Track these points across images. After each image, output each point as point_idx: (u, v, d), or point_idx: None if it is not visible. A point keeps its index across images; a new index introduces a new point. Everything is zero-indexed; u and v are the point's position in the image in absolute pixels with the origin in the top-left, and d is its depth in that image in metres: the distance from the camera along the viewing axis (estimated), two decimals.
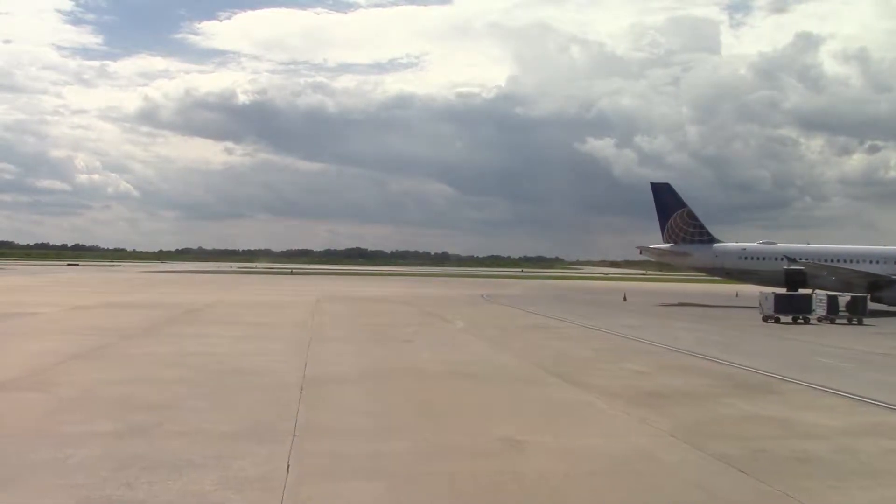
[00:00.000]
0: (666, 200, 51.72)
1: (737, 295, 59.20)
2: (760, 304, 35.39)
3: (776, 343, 26.59)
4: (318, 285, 66.87)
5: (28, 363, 16.98)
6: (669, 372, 18.40)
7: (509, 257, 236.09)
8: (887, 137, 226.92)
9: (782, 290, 44.34)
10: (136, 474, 8.79)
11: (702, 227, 51.46)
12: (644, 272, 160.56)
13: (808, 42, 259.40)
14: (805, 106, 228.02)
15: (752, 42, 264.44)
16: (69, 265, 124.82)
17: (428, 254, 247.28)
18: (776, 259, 47.01)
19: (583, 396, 14.76)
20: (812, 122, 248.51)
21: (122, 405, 12.66)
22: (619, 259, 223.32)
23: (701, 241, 51.07)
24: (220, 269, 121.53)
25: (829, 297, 35.48)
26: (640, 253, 57.44)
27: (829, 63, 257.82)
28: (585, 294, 61.34)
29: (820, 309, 34.98)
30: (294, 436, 10.79)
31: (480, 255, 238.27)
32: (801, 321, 34.37)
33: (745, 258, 49.11)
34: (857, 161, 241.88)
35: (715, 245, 51.04)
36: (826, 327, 33.24)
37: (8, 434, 10.72)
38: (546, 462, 9.85)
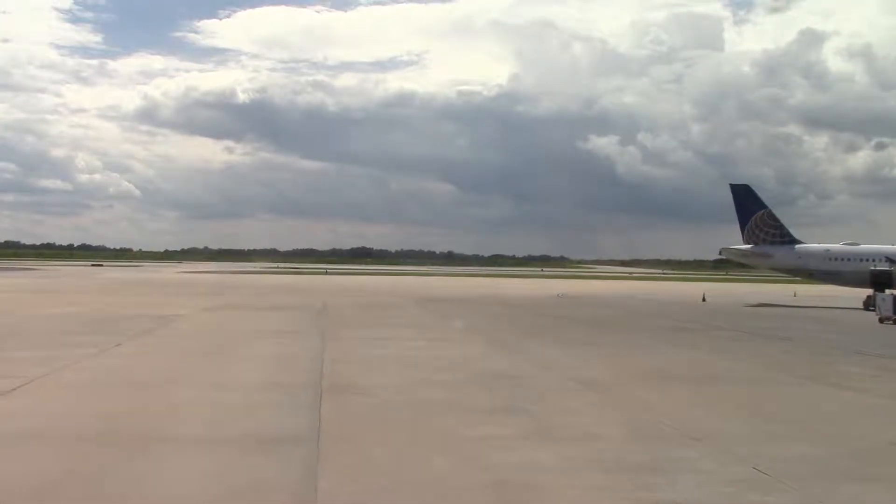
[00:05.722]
0: (745, 202, 52.28)
1: (794, 295, 59.85)
2: (878, 306, 36.07)
3: None
4: (380, 286, 66.90)
5: (291, 367, 17.26)
6: None
7: (513, 256, 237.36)
8: (893, 134, 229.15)
9: (868, 291, 45.07)
10: (638, 475, 9.16)
11: (783, 227, 52.05)
12: (662, 272, 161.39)
13: (812, 39, 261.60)
14: (809, 103, 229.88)
15: (755, 39, 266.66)
16: (93, 265, 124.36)
17: (433, 253, 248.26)
18: (861, 260, 47.64)
19: (874, 400, 15.12)
20: (816, 120, 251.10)
21: (468, 410, 12.94)
22: (626, 258, 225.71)
23: (782, 243, 51.67)
24: (244, 269, 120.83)
25: None
26: (720, 254, 58.21)
27: (833, 60, 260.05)
28: (648, 294, 61.66)
29: None
30: (696, 440, 11.11)
31: (484, 255, 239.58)
32: None
33: (831, 259, 49.68)
34: (862, 158, 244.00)
35: (797, 246, 51.63)
36: None
37: (451, 446, 11.02)
38: None
